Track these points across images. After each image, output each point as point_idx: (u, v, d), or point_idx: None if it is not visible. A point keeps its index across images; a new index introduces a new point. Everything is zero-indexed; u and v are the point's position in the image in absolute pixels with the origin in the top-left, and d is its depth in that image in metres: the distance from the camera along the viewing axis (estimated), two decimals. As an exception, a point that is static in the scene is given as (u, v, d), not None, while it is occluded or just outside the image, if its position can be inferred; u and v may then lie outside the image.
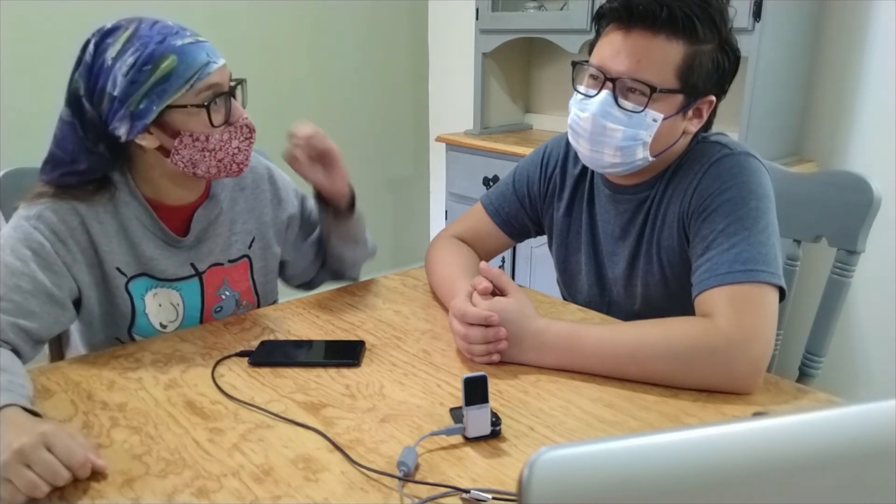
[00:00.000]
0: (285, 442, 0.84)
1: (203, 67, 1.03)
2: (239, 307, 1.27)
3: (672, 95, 1.02)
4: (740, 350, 0.92)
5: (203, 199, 1.20)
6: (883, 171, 2.13)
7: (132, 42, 1.01)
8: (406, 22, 3.35)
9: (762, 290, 0.96)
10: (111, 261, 1.11)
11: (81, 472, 0.75)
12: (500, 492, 0.74)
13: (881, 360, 2.26)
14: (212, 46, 1.08)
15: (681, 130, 1.07)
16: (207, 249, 1.20)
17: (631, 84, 1.02)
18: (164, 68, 1.01)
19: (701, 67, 1.02)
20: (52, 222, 1.04)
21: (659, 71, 1.01)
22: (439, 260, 1.29)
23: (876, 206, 1.18)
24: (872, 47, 2.12)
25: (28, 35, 2.37)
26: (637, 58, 1.01)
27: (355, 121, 3.28)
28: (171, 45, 1.02)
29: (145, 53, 1.00)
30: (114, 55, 1.01)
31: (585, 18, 2.37)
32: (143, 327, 1.16)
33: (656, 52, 1.00)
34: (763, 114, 2.07)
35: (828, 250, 1.25)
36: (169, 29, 1.04)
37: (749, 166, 1.04)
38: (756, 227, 0.99)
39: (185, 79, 1.02)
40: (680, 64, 1.01)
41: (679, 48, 1.00)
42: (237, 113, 1.10)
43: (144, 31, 1.02)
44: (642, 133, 1.03)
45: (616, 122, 1.03)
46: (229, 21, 2.79)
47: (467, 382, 0.81)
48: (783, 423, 0.40)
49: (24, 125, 2.38)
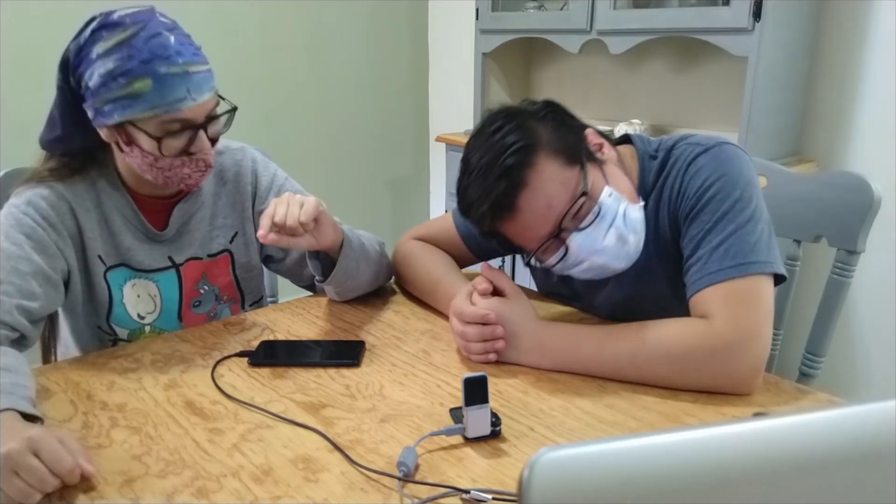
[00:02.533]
0: (285, 442, 0.84)
1: (175, 103, 1.01)
2: (220, 302, 1.27)
3: (589, 175, 0.98)
4: (739, 351, 0.92)
5: (184, 193, 1.20)
6: (883, 171, 2.13)
7: (121, 49, 0.99)
8: (406, 22, 3.35)
9: (756, 282, 0.95)
10: (94, 248, 1.13)
11: (69, 479, 0.74)
12: (500, 492, 0.74)
13: (881, 360, 2.26)
14: (203, 78, 1.04)
15: (613, 167, 1.04)
16: (187, 243, 1.21)
17: (572, 215, 0.97)
18: (136, 88, 0.99)
19: (564, 141, 0.99)
20: (41, 207, 1.07)
21: (564, 188, 0.97)
22: (418, 262, 1.27)
23: (876, 207, 1.18)
24: (872, 47, 2.12)
25: (28, 35, 2.37)
26: (546, 207, 0.97)
27: (355, 121, 3.28)
28: (153, 70, 0.99)
29: (125, 67, 0.99)
30: (100, 52, 1.00)
31: (585, 18, 2.37)
32: (121, 317, 1.17)
33: (545, 189, 0.96)
34: (763, 114, 2.07)
35: (828, 250, 1.25)
36: (164, 50, 1.00)
37: (726, 156, 1.02)
38: (741, 217, 0.98)
39: (151, 105, 1.00)
40: (560, 163, 0.97)
41: (546, 163, 0.96)
42: (199, 146, 1.07)
43: (138, 43, 0.99)
44: (620, 208, 0.99)
45: (603, 234, 0.99)
46: (229, 21, 2.79)
47: (467, 382, 0.81)
48: (783, 423, 0.40)
49: (24, 125, 2.37)
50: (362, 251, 1.21)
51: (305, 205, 1.05)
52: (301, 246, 1.11)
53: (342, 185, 3.29)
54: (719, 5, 2.07)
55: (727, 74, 2.35)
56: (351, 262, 1.18)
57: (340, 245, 1.16)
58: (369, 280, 1.25)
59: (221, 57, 2.80)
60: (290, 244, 1.07)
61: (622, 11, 2.31)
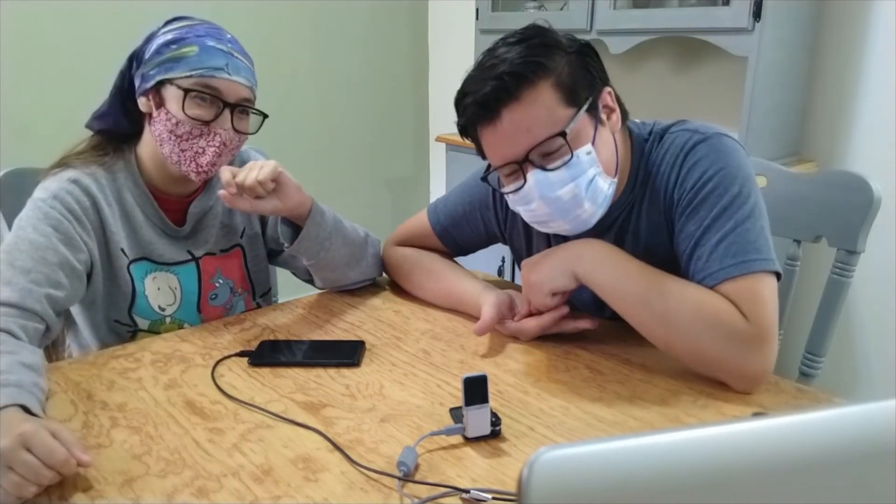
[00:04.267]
0: (285, 442, 0.84)
1: (212, 70, 1.10)
2: (234, 294, 1.31)
3: (579, 123, 0.97)
4: (755, 345, 0.91)
5: (200, 191, 1.25)
6: (883, 171, 2.13)
7: (182, 28, 1.12)
8: (406, 22, 3.35)
9: (760, 280, 0.94)
10: (116, 241, 1.16)
11: (65, 470, 0.74)
12: (500, 492, 0.74)
13: (881, 360, 2.26)
14: (244, 66, 1.14)
15: (610, 137, 1.03)
16: (203, 239, 1.26)
17: (542, 150, 0.97)
18: (183, 52, 1.10)
19: (575, 80, 0.98)
20: (67, 201, 1.10)
21: (550, 120, 0.96)
22: (421, 270, 1.29)
23: (876, 206, 1.18)
24: (872, 47, 2.12)
25: (28, 35, 2.37)
26: (526, 128, 0.96)
27: (355, 121, 3.28)
28: (202, 42, 1.11)
29: (180, 36, 1.11)
30: (164, 31, 1.13)
31: (585, 18, 2.37)
32: (143, 308, 1.20)
33: (532, 110, 0.95)
34: (763, 114, 2.07)
35: (828, 250, 1.25)
36: (216, 32, 1.14)
37: (725, 149, 1.00)
38: (741, 213, 0.96)
39: (191, 67, 1.09)
40: (558, 97, 0.96)
41: (545, 88, 0.96)
42: (222, 123, 1.12)
43: (197, 24, 1.14)
44: (591, 171, 0.98)
45: (563, 184, 0.97)
46: (229, 21, 2.77)
47: (467, 382, 0.81)
48: (783, 423, 0.40)
49: (24, 125, 2.38)
50: (337, 226, 1.22)
51: (265, 166, 1.10)
52: (266, 209, 1.13)
53: (342, 185, 3.29)
54: (719, 5, 2.07)
55: (727, 74, 2.35)
56: (322, 231, 1.19)
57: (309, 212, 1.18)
58: (346, 260, 1.25)
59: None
60: (255, 208, 1.11)
61: (622, 11, 2.31)
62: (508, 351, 1.08)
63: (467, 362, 1.05)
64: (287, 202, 1.13)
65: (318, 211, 1.19)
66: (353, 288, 1.33)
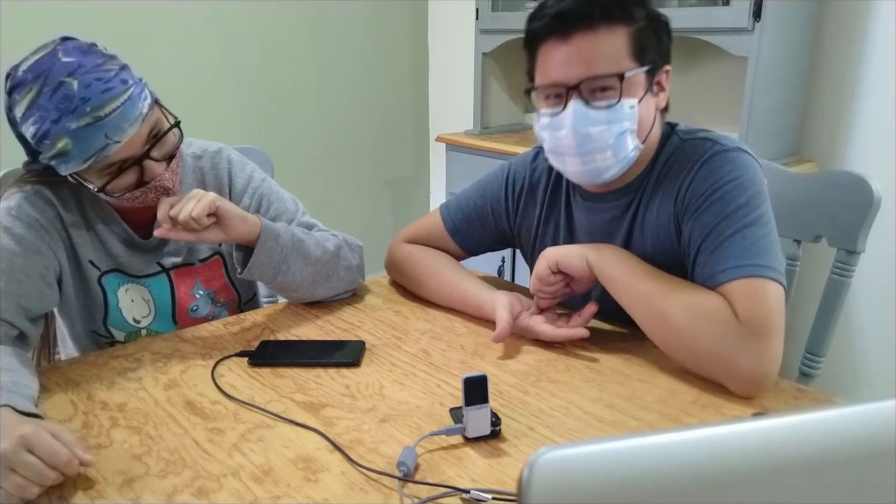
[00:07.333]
0: (285, 442, 0.84)
1: (99, 151, 1.00)
2: (216, 304, 1.27)
3: (637, 77, 1.01)
4: (746, 342, 0.91)
5: None
6: (883, 171, 2.13)
7: (32, 111, 0.99)
8: (406, 22, 3.35)
9: (761, 282, 0.93)
10: (84, 254, 1.14)
11: (68, 470, 0.74)
12: (500, 492, 0.74)
13: (881, 360, 2.26)
14: (120, 115, 0.99)
15: (654, 109, 1.05)
16: (173, 250, 1.23)
17: (595, 84, 0.99)
18: (59, 148, 0.99)
19: (648, 41, 1.01)
20: (30, 212, 1.09)
21: (615, 61, 0.99)
22: (425, 268, 1.28)
23: (876, 206, 1.18)
24: (872, 47, 2.12)
25: (28, 35, 2.37)
26: (588, 58, 0.99)
27: (355, 121, 3.28)
28: (65, 128, 0.97)
29: (42, 130, 0.99)
30: (19, 116, 1.01)
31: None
32: (117, 320, 1.19)
33: (603, 46, 0.99)
34: (763, 114, 2.07)
35: (828, 250, 1.25)
36: (68, 103, 0.97)
37: (742, 162, 1.01)
38: (746, 220, 0.97)
39: (81, 160, 1.00)
40: (629, 46, 1.00)
41: (621, 33, 0.99)
42: (150, 175, 1.06)
43: (43, 102, 0.97)
44: (626, 123, 1.01)
45: (598, 123, 1.00)
46: (229, 21, 2.79)
47: (467, 382, 0.81)
48: (783, 423, 0.40)
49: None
50: (297, 247, 1.17)
51: (202, 200, 1.05)
52: (210, 239, 1.10)
53: (342, 186, 3.29)
54: (719, 5, 2.07)
55: (727, 74, 2.35)
56: (274, 256, 1.14)
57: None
58: (311, 279, 1.20)
59: (221, 57, 2.81)
60: (198, 238, 1.08)
61: (622, 11, 2.31)
62: (508, 351, 1.08)
63: (467, 362, 1.05)
64: (231, 233, 1.10)
65: (270, 236, 1.13)
66: (329, 301, 1.29)
